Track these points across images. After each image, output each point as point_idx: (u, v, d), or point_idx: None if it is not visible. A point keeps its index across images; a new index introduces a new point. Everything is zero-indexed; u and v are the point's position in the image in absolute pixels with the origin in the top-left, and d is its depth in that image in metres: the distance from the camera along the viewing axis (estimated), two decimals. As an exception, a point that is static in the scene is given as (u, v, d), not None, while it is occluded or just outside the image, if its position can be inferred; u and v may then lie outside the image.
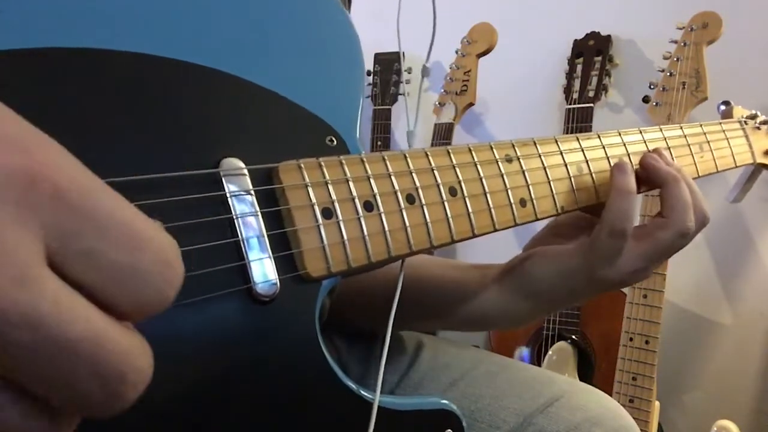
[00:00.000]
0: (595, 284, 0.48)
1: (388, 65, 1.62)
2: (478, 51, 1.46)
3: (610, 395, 0.58)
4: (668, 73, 1.19)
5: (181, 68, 0.33)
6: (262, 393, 0.33)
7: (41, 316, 0.16)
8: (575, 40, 1.46)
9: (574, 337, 1.31)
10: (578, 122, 1.36)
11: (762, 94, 1.28)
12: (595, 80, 1.38)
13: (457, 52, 1.48)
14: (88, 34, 0.31)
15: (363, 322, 0.58)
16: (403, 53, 1.72)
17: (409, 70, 1.62)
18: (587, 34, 1.45)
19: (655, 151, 0.52)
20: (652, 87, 1.21)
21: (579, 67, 1.42)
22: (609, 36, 1.43)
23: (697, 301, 1.44)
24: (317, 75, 0.39)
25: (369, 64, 1.64)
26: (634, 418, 0.56)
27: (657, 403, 1.14)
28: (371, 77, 1.64)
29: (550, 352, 1.32)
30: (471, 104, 1.47)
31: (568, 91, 1.42)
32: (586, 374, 1.29)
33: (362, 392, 0.36)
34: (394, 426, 0.38)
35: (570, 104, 1.39)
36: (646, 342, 1.12)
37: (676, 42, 1.22)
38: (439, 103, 1.49)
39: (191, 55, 0.34)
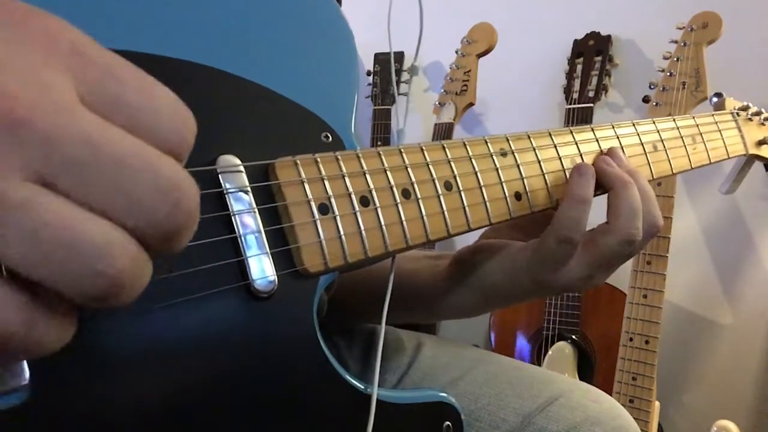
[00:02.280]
0: (540, 287, 0.47)
1: (389, 65, 1.62)
2: (478, 51, 1.46)
3: (610, 395, 0.58)
4: (668, 73, 1.19)
5: (176, 66, 0.34)
6: (262, 388, 0.33)
7: (90, 134, 0.18)
8: (575, 40, 1.46)
9: (574, 337, 1.31)
10: (578, 122, 1.36)
11: (762, 93, 1.28)
12: (595, 80, 1.38)
13: (457, 52, 1.48)
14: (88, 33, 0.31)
15: (352, 312, 0.59)
16: (403, 53, 1.71)
17: (409, 70, 1.62)
18: (587, 34, 1.45)
19: (610, 152, 0.49)
20: (652, 87, 1.21)
21: (579, 67, 1.42)
22: (609, 36, 1.43)
23: (697, 301, 1.44)
24: (312, 72, 0.39)
25: (369, 65, 1.64)
26: (634, 418, 0.56)
27: (657, 403, 1.14)
28: (371, 77, 1.64)
29: (550, 352, 1.31)
30: (471, 104, 1.47)
31: (568, 91, 1.42)
32: (586, 374, 1.29)
33: (360, 386, 0.37)
34: (393, 419, 0.38)
35: (570, 104, 1.39)
36: (646, 342, 1.12)
37: (676, 42, 1.21)
38: (439, 103, 1.49)
39: (186, 53, 0.34)
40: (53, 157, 0.17)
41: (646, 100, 1.21)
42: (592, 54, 1.42)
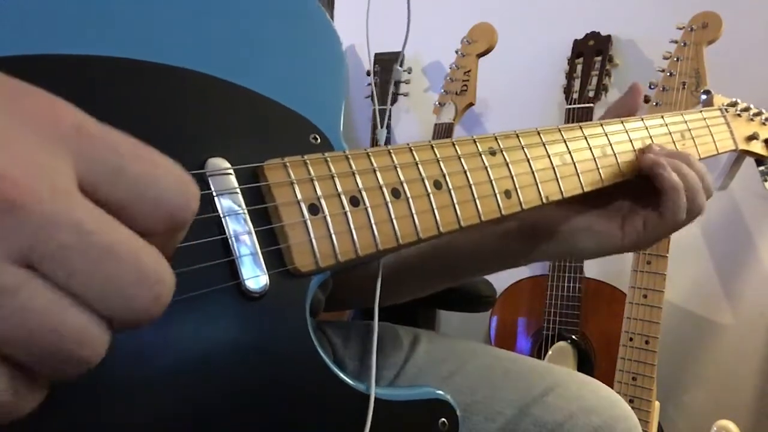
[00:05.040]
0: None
1: (388, 65, 1.62)
2: (478, 51, 1.46)
3: (610, 395, 0.58)
4: (668, 73, 1.19)
5: (165, 72, 0.34)
6: (256, 387, 0.33)
7: (80, 221, 0.18)
8: (575, 40, 1.46)
9: (574, 337, 1.31)
10: (578, 122, 1.36)
11: (762, 93, 1.28)
12: (595, 80, 1.38)
13: (457, 52, 1.49)
14: (74, 40, 0.32)
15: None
16: (401, 53, 1.70)
17: (409, 70, 1.62)
18: (587, 34, 1.45)
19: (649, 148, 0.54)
20: (652, 87, 1.21)
21: (579, 67, 1.42)
22: (609, 36, 1.43)
23: (697, 301, 1.43)
24: (299, 74, 0.39)
25: (369, 65, 1.64)
26: (633, 418, 0.56)
27: (657, 403, 1.14)
28: (371, 77, 1.64)
29: (550, 352, 1.31)
30: (471, 104, 1.47)
31: (568, 91, 1.42)
32: (586, 374, 1.29)
33: (355, 383, 0.37)
34: (388, 416, 0.38)
35: (570, 104, 1.39)
36: (646, 342, 1.12)
37: (676, 42, 1.21)
38: (439, 103, 1.49)
39: (174, 58, 0.34)
40: (43, 244, 0.17)
41: (646, 100, 1.21)
42: (592, 54, 1.42)
